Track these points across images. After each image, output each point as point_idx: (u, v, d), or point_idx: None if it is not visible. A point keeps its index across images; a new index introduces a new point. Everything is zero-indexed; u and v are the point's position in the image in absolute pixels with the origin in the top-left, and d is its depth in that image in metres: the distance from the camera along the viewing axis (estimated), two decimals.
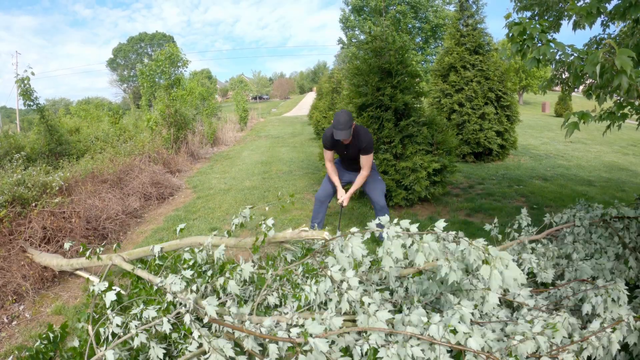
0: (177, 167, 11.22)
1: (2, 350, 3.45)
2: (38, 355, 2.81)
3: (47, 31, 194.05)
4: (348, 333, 2.25)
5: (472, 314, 2.22)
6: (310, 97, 49.06)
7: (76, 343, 2.73)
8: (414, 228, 2.31)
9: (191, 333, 2.37)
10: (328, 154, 4.86)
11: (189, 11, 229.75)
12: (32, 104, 9.85)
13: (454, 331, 2.02)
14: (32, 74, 9.58)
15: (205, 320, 2.38)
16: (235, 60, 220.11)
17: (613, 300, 2.40)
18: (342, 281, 2.36)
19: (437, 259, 2.24)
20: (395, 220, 2.39)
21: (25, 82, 9.51)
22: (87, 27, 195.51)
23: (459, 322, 2.08)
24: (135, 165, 8.71)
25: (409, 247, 2.25)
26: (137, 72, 21.58)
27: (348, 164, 4.97)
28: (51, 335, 2.92)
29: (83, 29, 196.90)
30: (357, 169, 4.88)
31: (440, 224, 2.35)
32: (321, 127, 16.47)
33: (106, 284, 2.85)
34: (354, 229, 2.44)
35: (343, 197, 4.80)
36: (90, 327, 2.64)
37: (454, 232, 2.30)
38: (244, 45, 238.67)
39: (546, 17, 5.19)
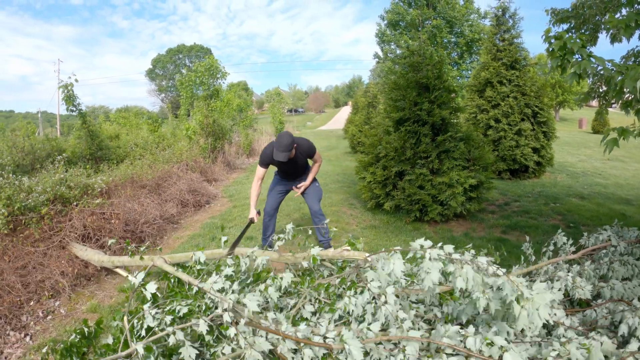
0: (213, 176, 11.42)
1: (36, 343, 3.56)
2: (72, 349, 2.84)
3: (86, 41, 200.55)
4: (381, 343, 2.26)
5: (507, 332, 2.23)
6: (345, 111, 49.29)
7: (110, 340, 2.75)
8: (456, 255, 2.32)
9: (227, 331, 2.41)
10: (260, 172, 4.96)
11: (224, 24, 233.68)
12: (74, 109, 10.22)
13: (491, 344, 2.01)
14: (76, 80, 9.98)
15: (242, 322, 2.42)
16: (270, 73, 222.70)
17: None
18: (380, 295, 2.39)
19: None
20: (440, 244, 2.41)
21: (69, 88, 9.89)
22: (124, 38, 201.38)
23: (495, 335, 2.08)
24: (174, 172, 8.92)
25: (450, 271, 2.26)
26: (177, 83, 22.06)
27: (289, 174, 5.23)
28: (86, 330, 2.95)
29: (121, 40, 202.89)
30: (297, 177, 5.24)
31: (483, 260, 2.36)
32: (357, 140, 16.50)
33: (143, 274, 2.90)
34: (397, 248, 2.45)
35: (254, 215, 4.81)
36: (126, 322, 2.65)
37: (493, 263, 2.30)
38: (279, 59, 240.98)
39: (583, 30, 5.16)
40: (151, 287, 2.71)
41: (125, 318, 2.67)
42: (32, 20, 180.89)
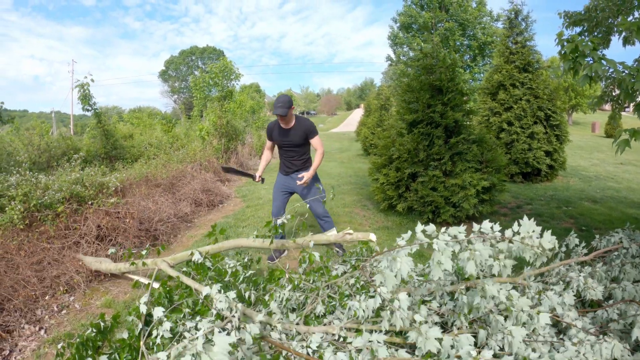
0: (226, 176, 11.47)
1: (50, 337, 3.60)
2: (87, 343, 2.80)
3: (99, 42, 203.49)
4: None
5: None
6: (357, 114, 49.32)
7: (125, 335, 2.74)
8: (461, 236, 2.30)
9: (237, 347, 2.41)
10: (268, 143, 5.27)
11: (235, 26, 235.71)
12: (90, 108, 10.36)
13: None
14: (92, 80, 10.13)
15: (250, 337, 2.40)
16: (281, 76, 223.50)
17: None
18: (392, 300, 2.35)
19: (490, 266, 2.24)
20: (444, 229, 2.40)
21: (85, 87, 10.03)
22: (137, 40, 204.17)
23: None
24: (187, 172, 9.02)
25: (459, 253, 2.24)
26: (190, 84, 22.23)
27: (289, 159, 5.13)
28: (102, 324, 2.94)
29: (133, 41, 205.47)
30: (296, 165, 5.12)
31: (487, 224, 2.35)
32: (369, 142, 16.47)
33: (147, 299, 2.90)
34: (401, 242, 2.40)
35: (257, 176, 5.15)
36: (143, 346, 2.60)
37: (499, 230, 2.29)
38: (291, 61, 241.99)
39: (596, 33, 5.14)
40: (158, 311, 2.73)
41: (142, 343, 2.66)
42: (44, 22, 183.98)
